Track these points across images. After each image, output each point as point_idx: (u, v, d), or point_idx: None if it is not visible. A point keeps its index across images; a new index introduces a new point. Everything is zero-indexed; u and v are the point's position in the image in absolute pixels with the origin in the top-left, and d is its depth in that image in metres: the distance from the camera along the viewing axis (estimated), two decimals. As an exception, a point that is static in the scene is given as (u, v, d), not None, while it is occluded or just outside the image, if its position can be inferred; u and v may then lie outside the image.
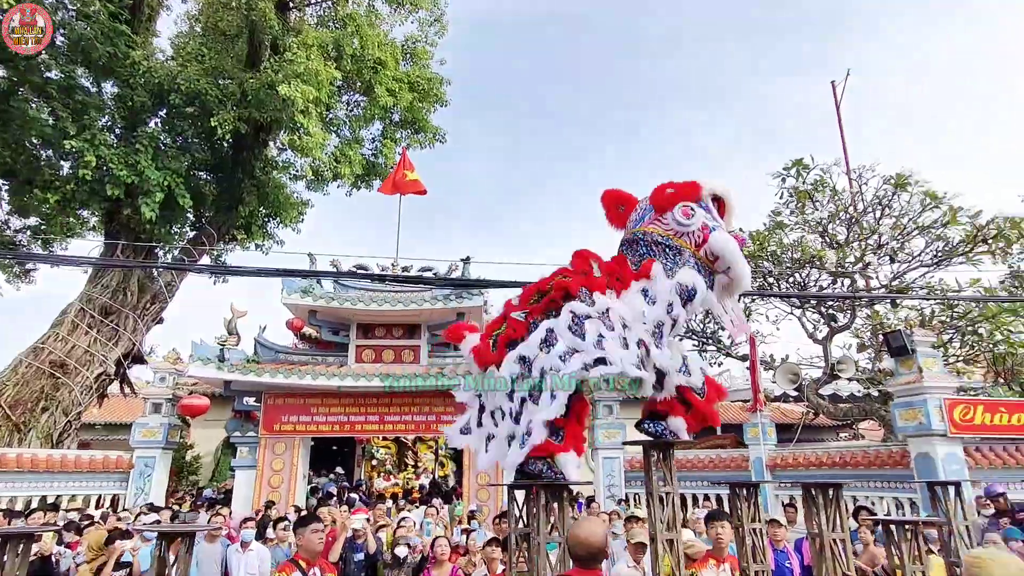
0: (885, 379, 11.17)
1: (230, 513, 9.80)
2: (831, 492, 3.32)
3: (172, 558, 3.35)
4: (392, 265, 13.58)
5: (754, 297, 13.23)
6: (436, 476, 19.09)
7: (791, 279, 12.69)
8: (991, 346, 11.19)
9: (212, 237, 15.77)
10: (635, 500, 12.47)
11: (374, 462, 18.96)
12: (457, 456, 17.27)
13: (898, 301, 11.90)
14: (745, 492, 3.91)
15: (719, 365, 15.96)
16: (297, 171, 17.17)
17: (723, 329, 14.01)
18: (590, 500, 11.22)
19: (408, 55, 16.89)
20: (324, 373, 12.24)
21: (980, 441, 9.18)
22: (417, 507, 11.31)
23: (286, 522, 7.29)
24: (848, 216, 12.55)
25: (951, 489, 4.12)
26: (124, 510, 10.17)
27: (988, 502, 7.45)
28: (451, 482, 18.28)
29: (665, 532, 3.56)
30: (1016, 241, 11.35)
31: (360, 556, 6.84)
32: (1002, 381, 11.43)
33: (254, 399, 12.64)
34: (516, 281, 8.83)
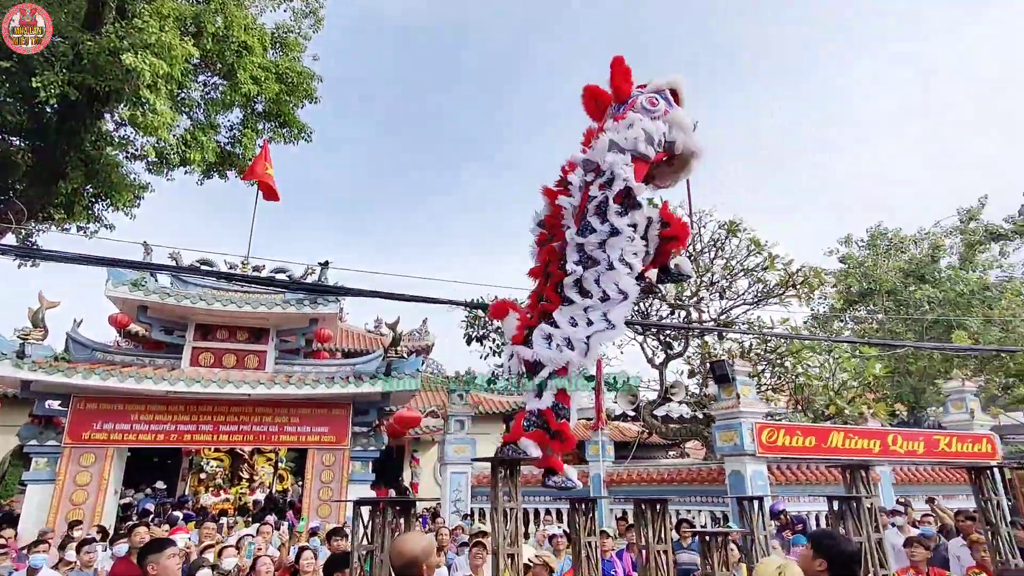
0: (709, 403, 12.40)
1: (15, 535, 8.44)
2: (658, 507, 3.62)
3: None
4: (242, 264, 12.67)
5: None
6: (273, 491, 17.88)
7: (636, 308, 13.70)
8: (793, 377, 12.88)
9: (21, 213, 13.64)
10: (480, 515, 12.61)
11: (202, 475, 17.35)
12: (299, 469, 16.37)
13: (724, 334, 13.32)
14: (583, 507, 4.12)
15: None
16: (137, 150, 15.48)
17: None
18: (434, 515, 11.16)
19: (278, 44, 15.99)
20: (151, 376, 11.04)
21: (780, 460, 10.49)
22: (249, 524, 10.53)
23: (92, 544, 6.43)
24: (688, 254, 13.86)
25: (756, 503, 4.66)
26: None
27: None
28: (291, 497, 17.23)
29: (507, 547, 3.66)
30: (817, 288, 13.23)
31: (178, 580, 6.21)
32: (800, 408, 13.18)
33: (59, 403, 11.05)
34: (376, 291, 8.65)
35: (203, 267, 11.55)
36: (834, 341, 13.39)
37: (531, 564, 5.02)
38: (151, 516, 11.99)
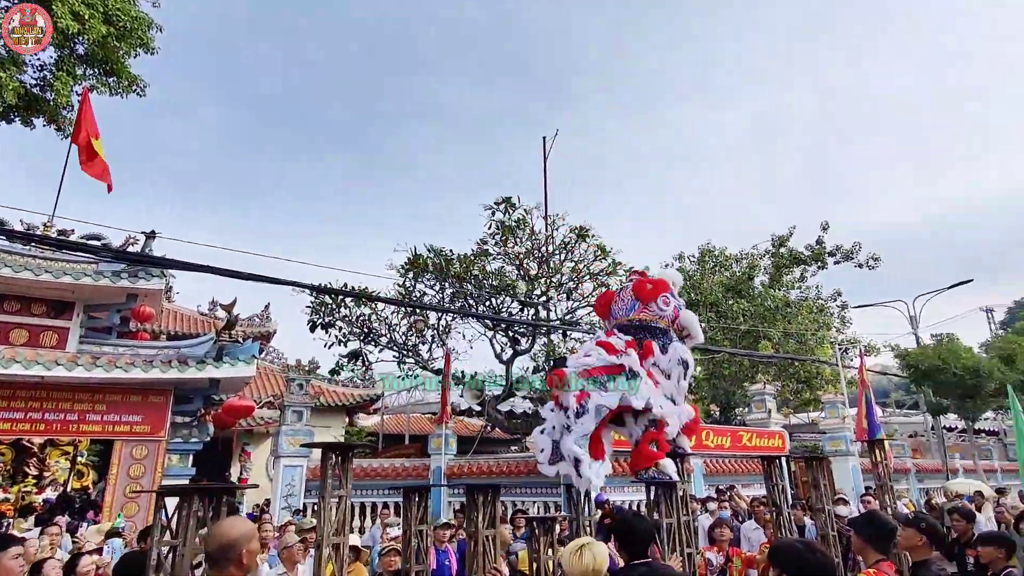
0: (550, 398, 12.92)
1: None
2: (489, 493, 3.66)
3: None
4: (45, 225, 10.95)
5: (455, 316, 14.14)
6: (69, 488, 15.63)
7: (488, 303, 13.92)
8: (627, 376, 13.85)
9: None
10: (313, 509, 12.02)
11: (-25, 472, 14.69)
12: (103, 464, 14.48)
13: (568, 332, 13.98)
14: (416, 497, 4.05)
15: (415, 378, 16.56)
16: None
17: (423, 343, 14.65)
18: (261, 511, 10.46)
19: (109, -20, 14.05)
20: (-93, 351, 9.13)
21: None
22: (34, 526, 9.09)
23: None
24: (540, 255, 14.35)
25: (582, 492, 4.89)
26: None
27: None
28: (94, 495, 15.15)
29: (332, 536, 3.48)
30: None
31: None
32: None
33: None
34: (209, 266, 7.90)
35: (-10, 226, 9.79)
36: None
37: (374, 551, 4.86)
38: None
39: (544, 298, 13.67)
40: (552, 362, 12.58)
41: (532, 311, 13.97)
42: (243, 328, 18.49)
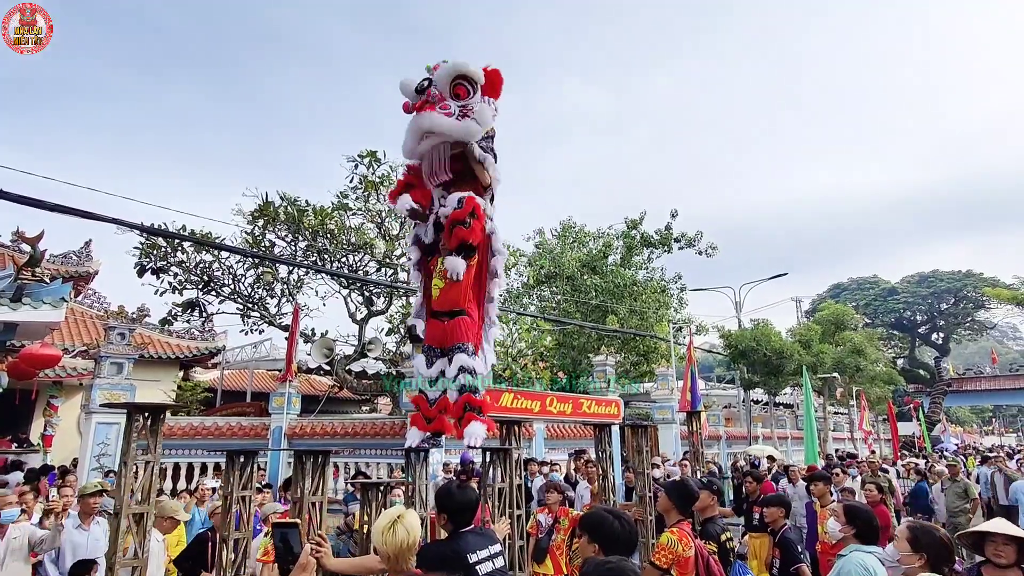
0: (403, 361, 12.79)
1: None
2: (319, 458, 3.52)
3: None
4: None
5: (307, 271, 13.43)
6: None
7: (344, 259, 13.37)
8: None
9: None
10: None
11: None
12: None
13: (426, 296, 13.88)
14: (240, 459, 3.81)
15: (260, 333, 15.59)
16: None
17: (271, 297, 13.79)
18: (64, 472, 9.37)
19: None
20: None
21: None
22: None
23: None
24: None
25: (420, 455, 4.90)
26: None
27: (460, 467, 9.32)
28: None
29: (134, 506, 3.16)
30: (513, 266, 14.63)
31: None
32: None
33: None
34: (6, 193, 6.77)
35: None
36: (519, 314, 15.02)
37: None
38: None
39: (404, 259, 13.39)
40: (408, 325, 12.44)
41: (391, 272, 13.65)
42: (55, 267, 16.20)
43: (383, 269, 13.55)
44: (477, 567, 2.81)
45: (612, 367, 15.55)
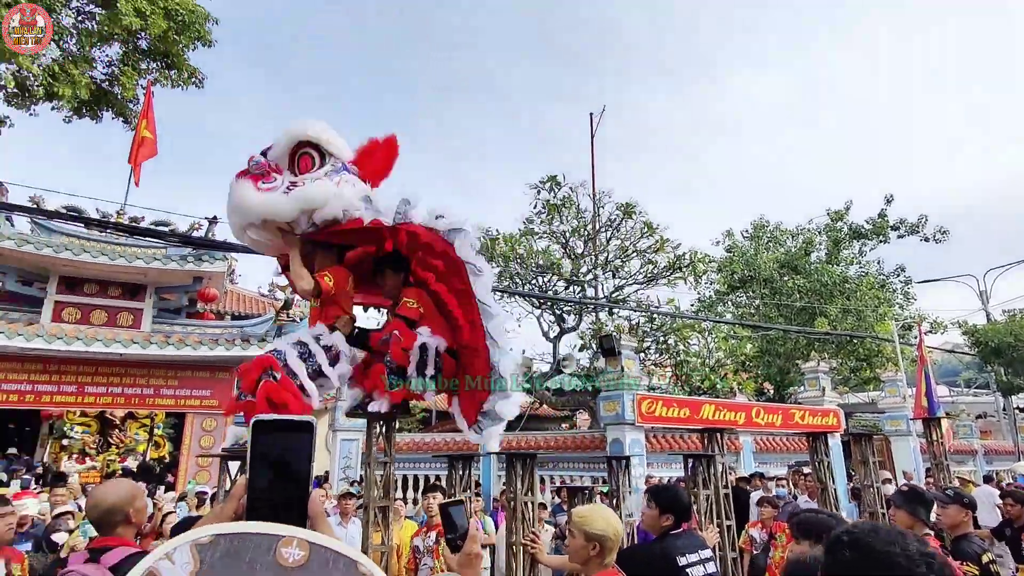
0: (597, 376, 12.99)
1: None
2: (527, 460, 3.82)
3: None
4: (117, 213, 11.67)
5: (502, 295, 14.33)
6: (147, 458, 16.82)
7: (534, 281, 14.03)
8: (675, 354, 13.76)
9: None
10: (369, 481, 12.59)
11: (64, 442, 15.99)
12: (177, 435, 15.50)
13: (615, 310, 13.96)
14: (461, 464, 4.25)
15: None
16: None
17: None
18: (319, 481, 11.03)
19: (167, -24, 14.64)
20: (5, 330, 10.01)
21: (659, 430, 11.25)
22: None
23: None
24: (586, 233, 14.32)
25: (623, 463, 5.00)
26: None
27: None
28: (167, 463, 16.27)
29: (379, 500, 3.71)
30: (702, 272, 14.14)
31: (27, 546, 5.77)
32: (679, 382, 14.14)
33: None
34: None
35: (70, 213, 10.51)
36: (714, 322, 14.43)
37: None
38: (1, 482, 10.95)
39: (590, 276, 13.68)
40: (599, 339, 12.63)
41: (578, 289, 14.01)
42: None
43: (571, 287, 13.96)
44: (688, 571, 2.73)
45: (826, 374, 14.14)
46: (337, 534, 4.33)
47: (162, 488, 10.46)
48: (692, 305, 15.78)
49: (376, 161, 3.54)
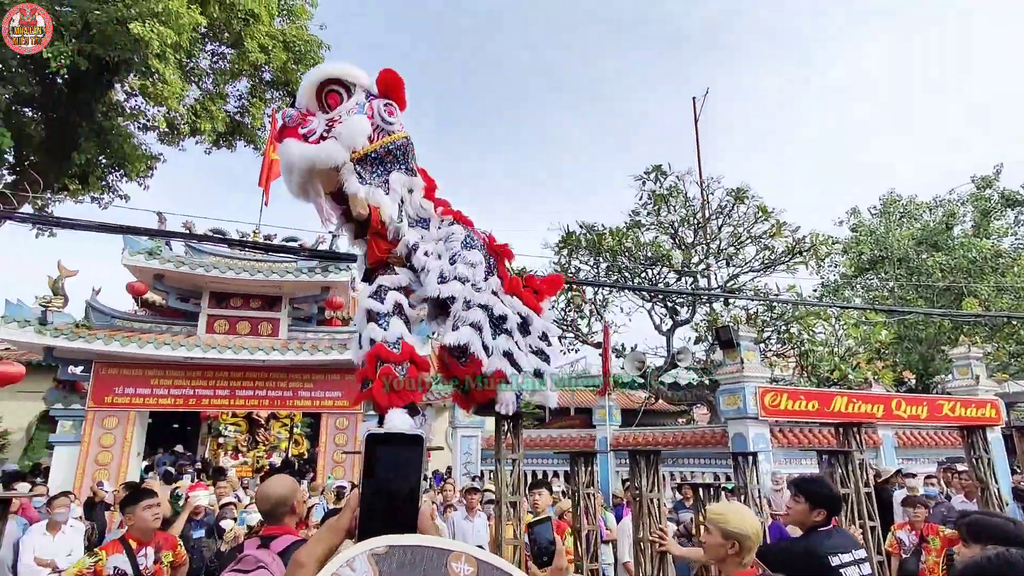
0: (715, 369, 12.55)
1: (47, 491, 8.85)
2: (651, 457, 3.80)
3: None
4: (254, 232, 12.86)
5: (611, 289, 14.21)
6: (289, 455, 18.41)
7: (644, 275, 13.79)
8: (799, 344, 12.98)
9: (37, 183, 13.87)
10: (490, 476, 12.98)
11: (221, 440, 17.87)
12: (314, 433, 16.82)
13: (730, 300, 13.40)
14: (583, 461, 4.30)
15: (576, 351, 16.92)
16: (148, 120, 15.60)
17: (582, 318, 14.92)
18: (439, 474, 11.52)
19: (285, 12, 15.91)
20: (169, 343, 11.35)
21: (784, 424, 10.68)
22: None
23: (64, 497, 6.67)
24: (696, 221, 13.86)
25: (749, 459, 4.83)
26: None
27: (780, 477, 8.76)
28: (306, 459, 17.73)
29: (510, 495, 3.86)
30: (825, 255, 13.22)
31: (200, 533, 6.54)
32: (805, 373, 13.32)
33: (82, 368, 11.42)
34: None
35: (216, 235, 11.73)
36: (841, 307, 13.42)
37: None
38: (169, 475, 12.45)
39: (702, 266, 13.22)
40: (715, 331, 12.19)
41: (690, 280, 13.59)
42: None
43: (682, 278, 13.58)
44: (842, 571, 2.54)
45: (980, 360, 12.72)
46: (463, 528, 4.57)
47: (304, 483, 11.39)
48: (815, 291, 14.82)
49: (388, 90, 3.13)
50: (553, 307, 14.79)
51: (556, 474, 12.95)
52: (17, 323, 10.54)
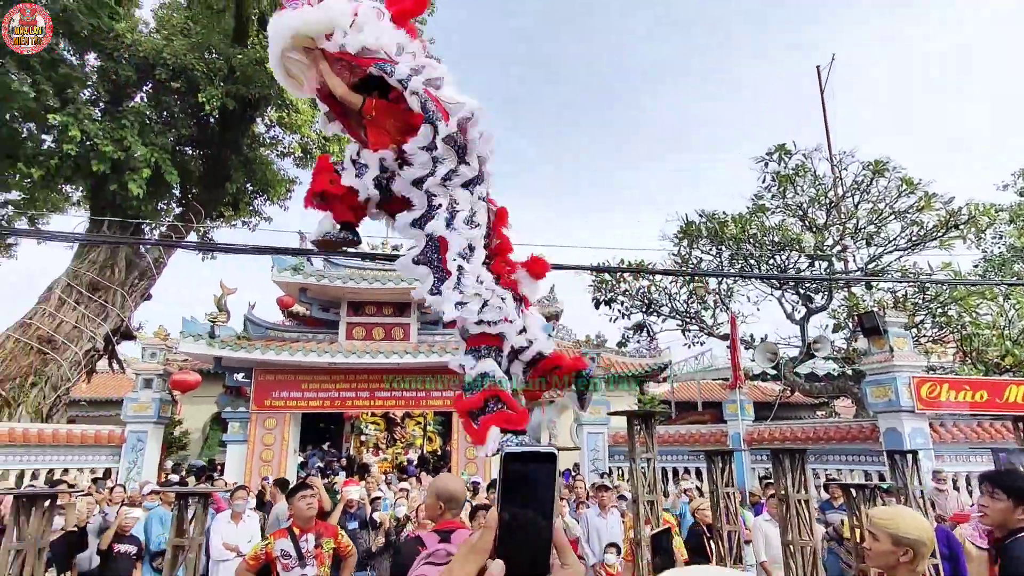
0: (859, 358, 11.60)
1: (225, 483, 10.02)
2: (796, 456, 3.62)
3: (190, 516, 3.58)
4: (382, 244, 13.72)
5: (736, 279, 13.59)
6: (424, 451, 19.44)
7: (771, 261, 13.04)
8: (959, 327, 11.66)
9: (199, 213, 15.75)
10: (619, 473, 12.90)
11: (363, 438, 19.24)
12: (445, 431, 17.63)
13: (873, 283, 12.31)
14: (720, 460, 4.20)
15: (701, 344, 16.36)
16: (285, 148, 17.14)
17: (705, 309, 14.40)
18: (568, 472, 11.61)
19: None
20: (315, 350, 12.42)
21: (948, 417, 9.65)
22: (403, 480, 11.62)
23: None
24: (828, 201, 12.87)
25: (909, 458, 4.46)
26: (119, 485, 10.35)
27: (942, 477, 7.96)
28: (440, 456, 18.63)
29: (646, 494, 3.86)
30: (987, 227, 11.76)
31: (354, 524, 7.11)
32: (968, 360, 11.93)
33: (244, 375, 12.79)
34: (505, 261, 9.04)
35: (349, 250, 12.61)
36: (1010, 284, 11.84)
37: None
38: (320, 472, 13.62)
39: (838, 248, 12.25)
40: (856, 317, 11.27)
41: (825, 264, 12.65)
42: (549, 309, 20.47)
43: (815, 263, 12.68)
44: None
45: None
46: (597, 525, 4.61)
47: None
48: (976, 267, 13.19)
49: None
50: (675, 299, 14.41)
51: (687, 471, 12.60)
52: (192, 337, 12.03)
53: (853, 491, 4.05)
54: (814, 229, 12.72)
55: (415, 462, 17.62)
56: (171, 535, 3.71)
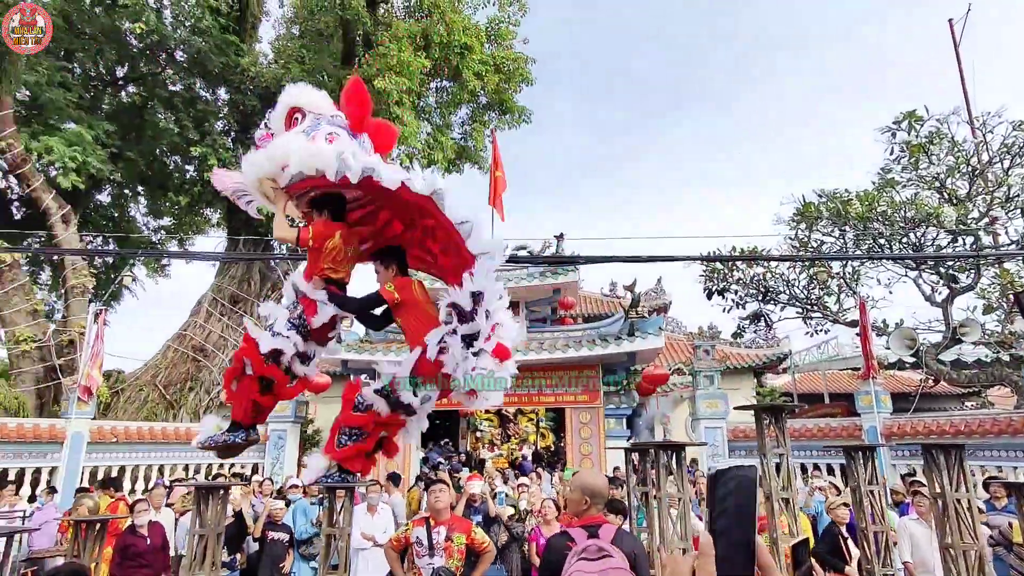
0: (1017, 342, 10.37)
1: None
2: (953, 452, 3.31)
3: (338, 507, 3.90)
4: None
5: (863, 260, 12.60)
6: (538, 447, 19.68)
7: (904, 240, 11.96)
8: None
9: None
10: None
11: (478, 434, 19.80)
12: (558, 427, 17.76)
13: (1031, 257, 10.97)
14: (861, 456, 3.97)
15: (826, 332, 15.31)
16: (392, 160, 17.96)
17: (829, 295, 13.47)
18: (691, 470, 11.31)
19: (492, 37, 17.14)
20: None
21: None
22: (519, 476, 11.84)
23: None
24: (970, 169, 11.59)
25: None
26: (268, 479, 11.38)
27: None
28: (553, 451, 18.79)
29: (780, 491, 3.71)
30: None
31: (478, 518, 7.37)
32: None
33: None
34: (613, 256, 8.97)
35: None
36: None
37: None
38: (439, 467, 14.17)
39: (986, 220, 11.00)
40: (1013, 296, 10.09)
41: (970, 240, 11.41)
42: (644, 304, 20.10)
43: (959, 238, 11.48)
44: None
45: None
46: (694, 521, 4.43)
47: (554, 473, 12.09)
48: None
49: (354, 109, 3.43)
50: (793, 286, 13.60)
51: (816, 467, 11.87)
52: (320, 342, 12.96)
53: (1018, 490, 3.65)
54: (955, 201, 11.50)
55: (529, 458, 17.88)
56: (324, 525, 4.06)
